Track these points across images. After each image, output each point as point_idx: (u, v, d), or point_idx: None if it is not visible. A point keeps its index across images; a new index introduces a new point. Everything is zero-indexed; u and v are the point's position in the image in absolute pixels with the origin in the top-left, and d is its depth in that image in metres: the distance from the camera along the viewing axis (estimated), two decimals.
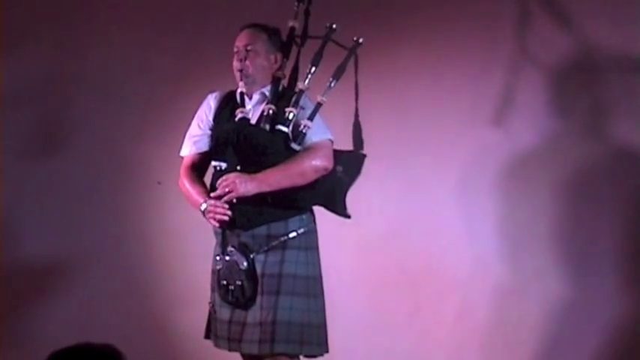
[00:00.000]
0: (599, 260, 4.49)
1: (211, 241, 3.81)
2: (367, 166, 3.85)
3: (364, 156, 3.83)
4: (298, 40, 3.84)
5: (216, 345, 3.80)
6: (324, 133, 3.72)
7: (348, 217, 3.82)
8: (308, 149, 3.68)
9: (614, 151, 4.50)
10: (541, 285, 4.54)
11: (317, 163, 3.67)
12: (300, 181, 3.65)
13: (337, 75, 3.76)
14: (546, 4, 4.53)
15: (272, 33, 3.80)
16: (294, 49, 3.83)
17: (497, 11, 4.62)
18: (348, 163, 3.79)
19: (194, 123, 3.88)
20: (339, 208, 3.80)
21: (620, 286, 4.47)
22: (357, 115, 3.83)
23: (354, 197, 3.82)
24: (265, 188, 3.62)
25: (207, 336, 3.87)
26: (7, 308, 5.01)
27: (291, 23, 3.84)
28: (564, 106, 4.56)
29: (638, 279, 4.48)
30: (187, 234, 4.69)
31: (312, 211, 3.78)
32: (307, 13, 3.87)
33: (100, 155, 5.06)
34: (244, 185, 3.61)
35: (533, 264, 4.56)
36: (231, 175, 3.63)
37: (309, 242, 3.75)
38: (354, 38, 3.80)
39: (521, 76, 4.57)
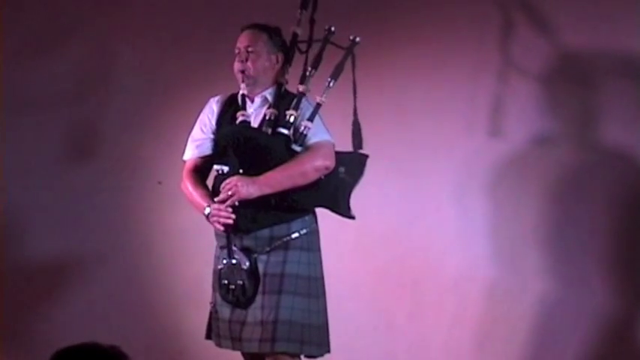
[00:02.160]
0: (594, 261, 4.49)
1: (213, 241, 3.82)
2: (367, 166, 3.85)
3: (366, 156, 3.83)
4: (302, 47, 3.82)
5: (219, 345, 3.80)
6: (323, 133, 3.72)
7: (353, 217, 3.82)
8: (308, 149, 3.68)
9: (605, 154, 4.51)
10: (537, 285, 4.55)
11: (318, 163, 3.67)
12: (301, 182, 3.65)
13: (335, 75, 3.76)
14: (532, 10, 4.55)
15: (273, 33, 3.79)
16: (302, 56, 3.81)
17: (494, 13, 4.62)
18: (351, 164, 3.79)
19: (197, 127, 3.87)
20: (342, 209, 3.80)
21: (614, 286, 4.49)
22: (355, 114, 3.82)
23: (353, 198, 3.82)
24: (267, 190, 3.62)
25: (207, 336, 3.87)
26: (8, 308, 5.02)
27: (294, 30, 3.82)
28: (557, 109, 4.57)
29: (632, 279, 4.49)
30: (189, 234, 4.69)
31: (314, 213, 3.79)
32: (312, 21, 3.84)
33: (101, 156, 5.07)
34: (246, 188, 3.61)
35: (529, 264, 4.57)
36: (234, 179, 3.63)
37: (312, 243, 3.76)
38: (351, 37, 3.80)
39: (516, 81, 4.58)
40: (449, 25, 4.71)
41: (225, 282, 3.71)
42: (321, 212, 3.82)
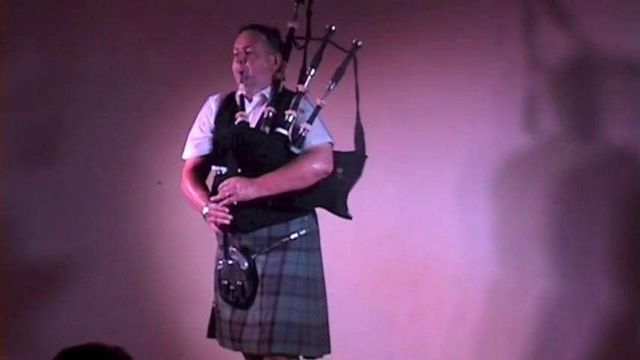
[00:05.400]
0: (596, 260, 4.50)
1: (214, 241, 3.82)
2: (367, 167, 3.85)
3: (365, 157, 3.82)
4: (298, 42, 3.82)
5: (222, 344, 3.80)
6: (323, 136, 3.72)
7: (350, 218, 3.81)
8: (308, 153, 3.68)
9: (611, 152, 4.51)
10: (538, 285, 4.55)
11: (317, 167, 3.67)
12: (300, 185, 3.65)
13: (336, 78, 3.75)
14: (548, 6, 4.54)
15: (271, 34, 3.79)
16: (299, 52, 3.81)
17: (497, 12, 4.62)
18: (349, 165, 3.78)
19: (195, 125, 3.87)
20: (340, 209, 3.79)
21: (616, 286, 4.48)
22: (358, 118, 3.81)
23: (354, 198, 3.82)
24: (265, 192, 3.62)
25: (209, 335, 3.87)
26: (8, 309, 5.02)
27: (290, 24, 3.82)
28: (562, 107, 4.57)
29: (634, 278, 4.49)
30: (189, 234, 4.69)
31: (314, 213, 3.78)
32: (309, 14, 3.84)
33: (101, 156, 5.06)
34: (244, 190, 3.61)
35: (530, 264, 4.57)
36: (232, 180, 3.63)
37: (311, 243, 3.75)
38: (353, 41, 3.79)
39: (517, 81, 4.58)
40: (450, 25, 4.72)
41: (225, 282, 3.71)
42: (320, 213, 3.81)
